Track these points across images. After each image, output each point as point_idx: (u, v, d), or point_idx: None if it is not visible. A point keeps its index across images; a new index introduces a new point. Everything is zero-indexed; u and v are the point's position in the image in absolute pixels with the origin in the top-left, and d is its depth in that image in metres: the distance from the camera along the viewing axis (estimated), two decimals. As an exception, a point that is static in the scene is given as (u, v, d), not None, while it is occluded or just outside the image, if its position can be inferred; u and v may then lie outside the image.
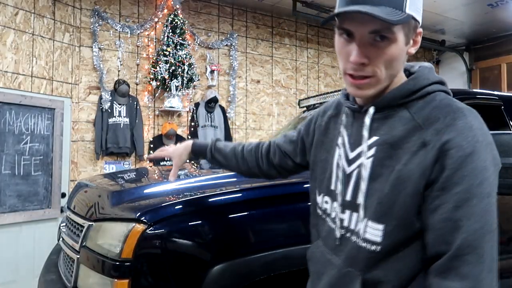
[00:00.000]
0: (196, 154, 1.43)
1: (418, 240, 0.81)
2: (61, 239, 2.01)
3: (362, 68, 0.81)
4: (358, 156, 0.88)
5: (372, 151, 0.85)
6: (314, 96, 3.26)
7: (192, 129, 4.60)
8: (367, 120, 0.87)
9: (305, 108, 3.36)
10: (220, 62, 4.88)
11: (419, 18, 0.83)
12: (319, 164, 1.03)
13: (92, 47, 4.11)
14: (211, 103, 4.64)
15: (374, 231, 0.83)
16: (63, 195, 3.79)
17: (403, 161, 0.80)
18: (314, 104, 3.24)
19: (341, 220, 0.91)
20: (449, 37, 6.13)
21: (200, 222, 1.52)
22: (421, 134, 0.79)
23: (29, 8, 3.59)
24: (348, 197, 0.89)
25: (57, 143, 3.75)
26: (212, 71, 4.75)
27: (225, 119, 4.81)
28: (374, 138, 0.86)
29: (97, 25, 4.13)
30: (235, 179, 2.04)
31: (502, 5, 4.86)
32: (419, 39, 0.86)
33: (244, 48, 5.09)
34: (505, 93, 3.39)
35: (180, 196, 1.65)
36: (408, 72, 0.91)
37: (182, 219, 1.51)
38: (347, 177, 0.91)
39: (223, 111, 4.81)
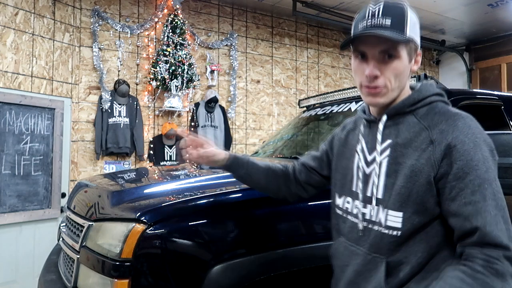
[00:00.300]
0: (231, 164, 1.40)
1: (431, 226, 0.96)
2: (61, 239, 2.01)
3: (375, 80, 1.01)
4: (375, 157, 1.05)
5: (387, 152, 1.03)
6: (314, 96, 3.26)
7: (192, 129, 4.60)
8: (381, 126, 1.06)
9: (305, 108, 3.36)
10: (220, 62, 4.88)
11: (418, 42, 1.03)
12: (340, 170, 1.21)
13: (92, 47, 4.11)
14: (211, 103, 4.64)
15: (394, 219, 0.98)
16: (63, 195, 3.79)
17: (415, 157, 0.97)
18: (314, 104, 3.24)
19: (363, 214, 1.07)
20: (449, 37, 6.13)
21: (200, 222, 1.52)
22: (428, 134, 0.97)
23: (29, 8, 3.59)
24: (369, 193, 1.05)
25: (57, 143, 3.75)
26: (212, 71, 4.75)
27: (225, 119, 4.81)
28: (388, 141, 1.04)
29: (97, 25, 4.13)
30: (235, 179, 2.04)
31: (502, 5, 4.86)
32: (419, 59, 1.06)
33: (244, 48, 5.09)
34: (505, 93, 3.39)
35: (180, 196, 1.65)
36: (414, 89, 1.09)
37: (182, 219, 1.51)
38: (366, 177, 1.07)
39: (223, 111, 4.81)
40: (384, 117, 1.06)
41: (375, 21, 0.99)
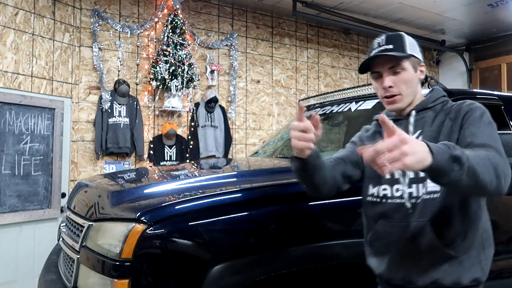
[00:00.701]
0: (315, 151, 1.28)
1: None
2: (61, 239, 2.01)
3: (391, 90, 1.31)
4: None
5: (420, 139, 1.22)
6: (314, 96, 3.26)
7: (192, 129, 4.60)
8: (412, 119, 1.33)
9: (305, 108, 3.36)
10: (220, 62, 4.88)
11: (419, 57, 1.35)
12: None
13: (92, 47, 4.11)
14: (211, 103, 4.64)
15: (433, 184, 1.19)
16: (63, 195, 3.79)
17: (444, 137, 1.24)
18: (314, 104, 3.24)
19: (410, 193, 1.27)
20: (449, 37, 6.13)
21: (200, 222, 1.52)
22: (448, 117, 1.29)
23: (29, 8, 3.59)
24: (412, 175, 1.27)
25: (57, 143, 3.75)
26: (212, 71, 4.75)
27: (225, 119, 4.81)
28: (418, 131, 1.31)
29: (97, 25, 4.13)
30: (235, 179, 2.04)
31: (502, 5, 4.86)
32: (424, 69, 1.37)
33: (244, 48, 5.09)
34: (505, 93, 3.39)
35: (180, 196, 1.65)
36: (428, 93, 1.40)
37: (182, 219, 1.51)
38: None
39: (223, 111, 4.81)
40: (414, 112, 1.34)
41: (381, 48, 1.32)
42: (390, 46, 1.30)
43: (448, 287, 1.23)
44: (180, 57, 4.30)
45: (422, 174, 1.22)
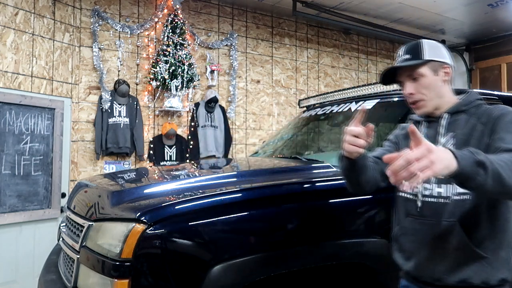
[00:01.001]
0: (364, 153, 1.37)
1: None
2: (61, 239, 2.01)
3: (413, 96, 1.38)
4: (444, 146, 1.30)
5: (451, 141, 1.32)
6: (314, 96, 3.26)
7: (192, 129, 4.60)
8: (443, 121, 1.37)
9: (305, 108, 3.36)
10: (220, 62, 4.88)
11: (442, 59, 1.39)
12: None
13: (92, 47, 4.11)
14: (211, 103, 4.64)
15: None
16: (63, 195, 3.79)
17: (474, 143, 1.27)
18: (314, 104, 3.24)
19: (439, 193, 1.32)
20: (449, 37, 6.13)
21: (200, 222, 1.52)
22: (480, 122, 1.31)
23: (29, 8, 3.59)
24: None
25: (57, 143, 3.75)
26: (212, 71, 4.75)
27: (225, 119, 4.81)
28: (450, 133, 1.35)
29: (97, 25, 4.13)
30: (235, 179, 2.04)
31: (502, 5, 4.86)
32: (448, 71, 1.39)
33: (244, 48, 5.09)
34: (505, 93, 3.39)
35: (180, 196, 1.65)
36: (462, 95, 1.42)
37: (182, 219, 1.51)
38: None
39: (223, 111, 4.81)
40: (446, 115, 1.37)
41: (400, 59, 1.42)
42: (408, 56, 1.39)
43: (477, 287, 1.26)
44: (180, 57, 4.30)
45: None
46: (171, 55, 4.25)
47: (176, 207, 1.54)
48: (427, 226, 1.33)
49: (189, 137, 4.58)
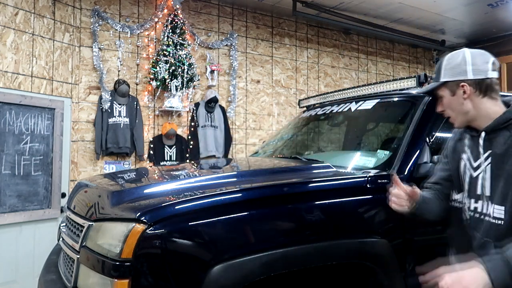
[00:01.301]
0: (421, 202, 1.57)
1: None
2: (61, 239, 2.01)
3: (443, 113, 1.49)
4: (480, 164, 1.40)
5: (489, 160, 1.37)
6: (314, 96, 3.26)
7: (192, 129, 4.60)
8: (481, 141, 1.40)
9: (305, 108, 3.36)
10: (220, 62, 4.88)
11: (458, 78, 1.40)
12: (453, 172, 1.55)
13: (92, 47, 4.11)
14: (211, 103, 4.64)
15: (499, 211, 1.32)
16: (63, 195, 3.79)
17: (510, 163, 1.30)
18: (314, 104, 3.24)
19: (475, 208, 1.40)
20: (449, 37, 6.13)
21: (200, 222, 1.52)
22: None
23: (29, 8, 3.59)
24: (478, 191, 1.40)
25: (57, 143, 3.75)
26: (212, 71, 4.75)
27: (225, 119, 4.81)
28: (488, 152, 1.38)
29: (97, 25, 4.13)
30: (235, 179, 2.04)
31: (502, 5, 4.86)
32: (466, 88, 1.39)
33: (244, 48, 5.09)
34: (505, 93, 3.38)
35: (180, 196, 1.65)
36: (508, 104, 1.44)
37: (182, 219, 1.51)
38: (474, 179, 1.42)
39: (223, 111, 4.81)
40: (483, 134, 1.40)
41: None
42: (434, 75, 1.50)
43: None
44: (180, 57, 4.30)
45: (487, 193, 1.36)
46: (171, 55, 4.25)
47: (176, 207, 1.54)
48: (469, 238, 1.43)
49: (189, 137, 4.58)
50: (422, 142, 2.04)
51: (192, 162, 4.21)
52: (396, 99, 2.47)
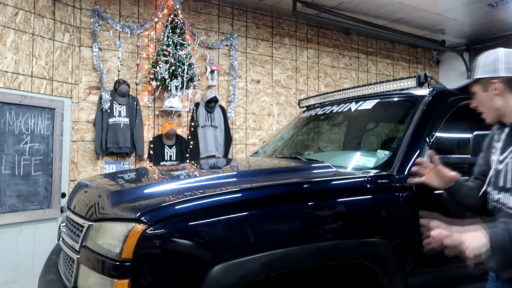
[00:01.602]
0: (456, 184, 1.71)
1: None
2: (61, 239, 2.01)
3: (477, 109, 1.58)
4: (505, 158, 1.48)
5: (510, 155, 1.44)
6: (314, 96, 3.26)
7: (192, 129, 4.60)
8: (503, 136, 1.52)
9: (305, 108, 3.36)
10: (220, 62, 4.88)
11: (491, 75, 1.49)
12: (486, 167, 1.63)
13: (92, 47, 4.11)
14: (211, 103, 4.64)
15: None
16: (63, 195, 3.79)
17: None
18: (314, 104, 3.24)
19: (498, 198, 1.49)
20: (449, 37, 6.12)
21: (200, 222, 1.52)
22: None
23: (29, 8, 3.59)
24: (501, 183, 1.48)
25: (57, 143, 3.75)
26: (212, 71, 4.75)
27: (225, 119, 4.81)
28: (509, 149, 1.45)
29: (97, 25, 4.13)
30: (235, 179, 2.04)
31: (502, 5, 4.85)
32: (497, 85, 1.48)
33: (244, 48, 5.09)
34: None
35: (180, 196, 1.64)
36: None
37: (182, 219, 1.51)
38: (499, 172, 1.50)
39: (223, 111, 4.81)
40: (507, 129, 1.51)
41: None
42: (469, 72, 1.58)
43: None
44: (180, 57, 4.30)
45: (508, 185, 1.43)
46: (171, 55, 4.25)
47: (176, 207, 1.54)
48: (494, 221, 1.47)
49: (189, 137, 4.58)
50: (422, 142, 2.04)
51: (192, 162, 4.21)
52: (396, 99, 2.47)
